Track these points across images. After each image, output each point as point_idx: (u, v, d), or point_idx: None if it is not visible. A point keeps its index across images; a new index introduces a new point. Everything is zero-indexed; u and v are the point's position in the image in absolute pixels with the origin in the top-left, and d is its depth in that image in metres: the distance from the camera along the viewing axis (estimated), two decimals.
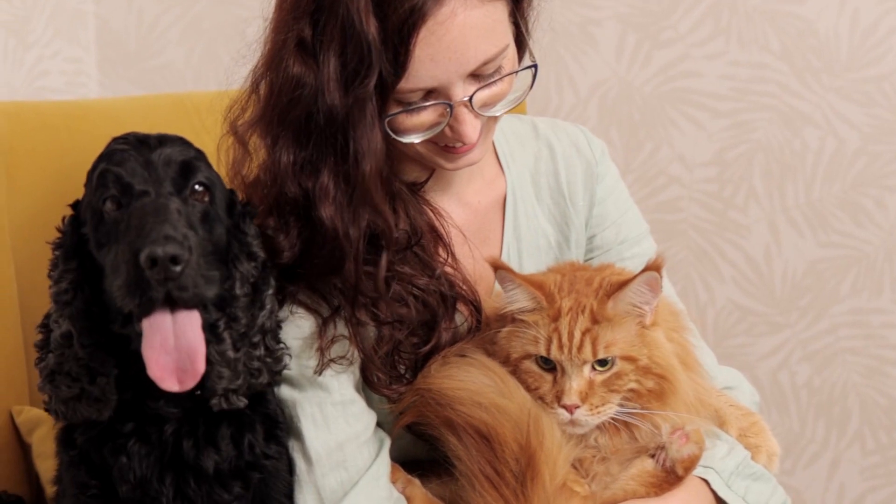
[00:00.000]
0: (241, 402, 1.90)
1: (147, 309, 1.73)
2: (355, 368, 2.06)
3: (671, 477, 1.99)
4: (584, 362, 1.93)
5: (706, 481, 2.04)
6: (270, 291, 1.94)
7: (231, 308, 1.87)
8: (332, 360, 2.01)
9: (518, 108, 2.83)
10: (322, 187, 1.93)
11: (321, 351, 2.00)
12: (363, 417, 2.06)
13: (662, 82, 3.42)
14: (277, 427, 2.01)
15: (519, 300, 2.01)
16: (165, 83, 3.47)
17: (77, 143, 2.19)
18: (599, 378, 1.94)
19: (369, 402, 2.10)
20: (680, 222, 3.49)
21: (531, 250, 2.26)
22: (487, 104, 1.99)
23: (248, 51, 2.04)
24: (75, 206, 1.91)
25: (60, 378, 1.86)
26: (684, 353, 2.03)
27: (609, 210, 2.31)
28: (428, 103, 1.94)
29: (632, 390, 1.95)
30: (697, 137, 3.44)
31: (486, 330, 2.09)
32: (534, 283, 2.00)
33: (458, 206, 2.23)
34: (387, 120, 1.94)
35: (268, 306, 1.93)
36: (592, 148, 2.33)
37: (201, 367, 1.76)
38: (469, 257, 2.18)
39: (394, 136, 1.97)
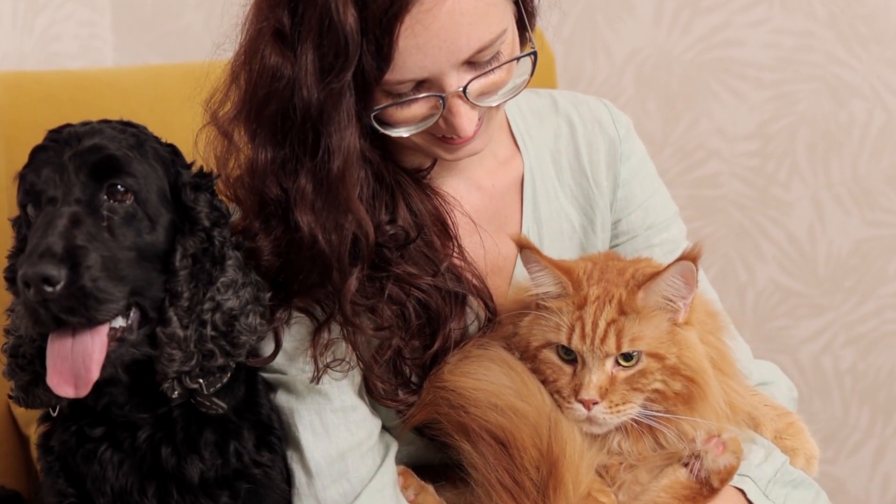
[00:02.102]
0: (220, 405, 1.83)
1: (43, 329, 1.67)
2: (355, 373, 1.98)
3: (705, 489, 1.88)
4: (607, 355, 1.84)
5: (742, 491, 1.93)
6: (229, 263, 1.82)
7: (171, 283, 1.77)
8: (328, 366, 1.93)
9: (547, 78, 2.74)
10: (300, 190, 1.84)
11: (315, 359, 1.92)
12: (366, 424, 1.99)
13: (702, 51, 3.32)
14: (271, 433, 1.93)
15: (544, 284, 1.92)
16: (183, 48, 3.36)
17: (84, 115, 2.09)
18: (622, 374, 1.85)
19: (376, 409, 2.02)
20: (719, 198, 3.40)
21: (553, 235, 2.16)
22: (484, 94, 1.87)
23: (224, 38, 1.94)
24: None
25: (15, 361, 1.80)
26: (720, 357, 1.93)
27: (635, 192, 2.20)
28: (420, 95, 1.84)
29: (656, 391, 1.85)
30: (739, 109, 3.34)
31: (502, 324, 2.00)
32: (561, 268, 1.91)
33: (469, 190, 2.12)
34: (374, 113, 1.85)
35: (220, 279, 1.81)
36: (617, 124, 2.20)
37: (95, 373, 1.68)
38: (481, 246, 2.08)
39: (382, 130, 1.87)
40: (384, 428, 2.03)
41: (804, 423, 2.09)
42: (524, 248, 1.91)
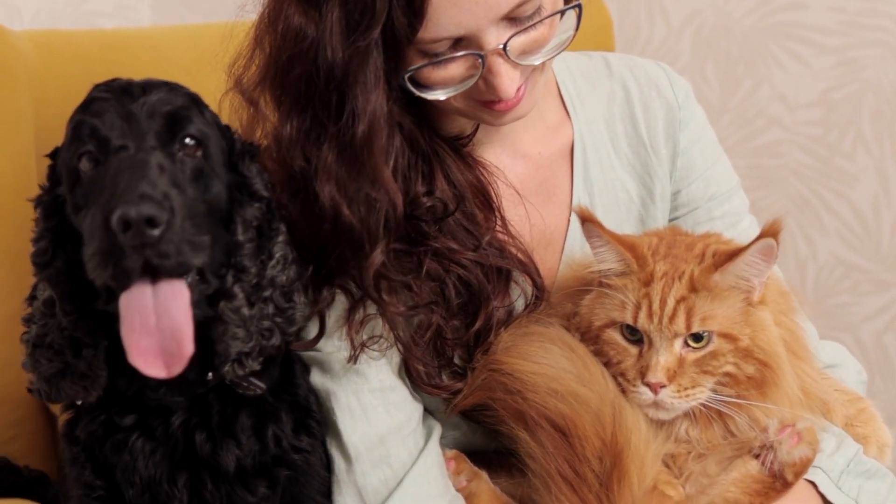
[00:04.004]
0: (258, 385, 1.76)
1: (123, 281, 1.56)
2: (393, 353, 1.91)
3: (778, 482, 1.81)
4: (676, 335, 1.76)
5: (813, 484, 1.86)
6: (280, 239, 1.78)
7: (237, 257, 1.72)
8: (364, 344, 1.87)
9: (605, 42, 2.66)
10: (322, 158, 1.77)
11: (351, 338, 1.86)
12: (405, 406, 1.92)
13: (764, 14, 3.26)
14: (309, 416, 1.87)
15: (607, 261, 1.85)
16: (222, 7, 3.22)
17: (115, 76, 2.03)
18: (692, 356, 1.77)
19: (418, 394, 1.97)
20: (780, 168, 3.34)
21: (609, 206, 2.08)
22: (526, 52, 1.79)
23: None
24: (55, 155, 1.75)
25: (41, 351, 1.72)
26: (793, 339, 1.86)
27: (695, 161, 2.12)
28: (457, 54, 1.76)
29: (728, 374, 1.77)
30: (801, 75, 3.28)
31: (560, 303, 1.93)
32: (624, 243, 1.85)
33: (514, 158, 2.05)
34: (408, 74, 1.78)
35: (277, 255, 1.76)
36: (675, 89, 2.12)
37: (188, 348, 1.58)
38: (527, 219, 2.02)
39: (418, 92, 1.80)
40: (427, 412, 1.98)
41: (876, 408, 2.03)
42: (586, 221, 1.84)
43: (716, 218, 2.10)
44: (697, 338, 1.76)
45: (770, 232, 1.74)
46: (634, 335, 1.80)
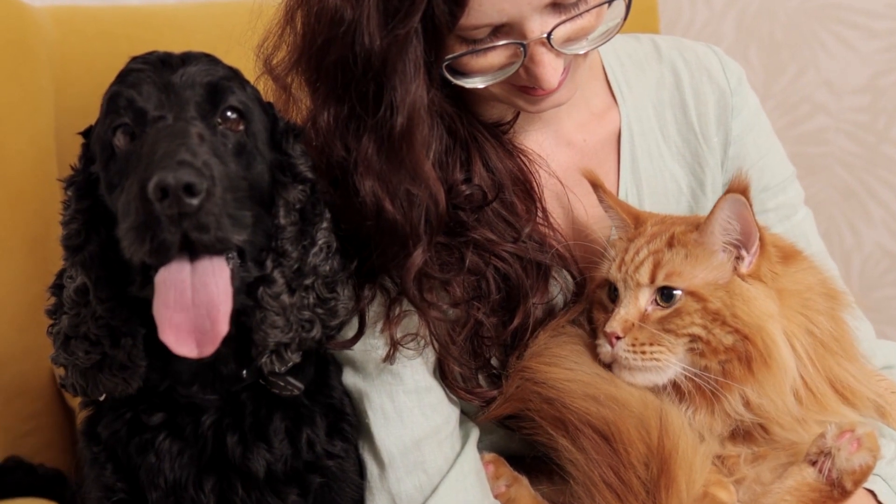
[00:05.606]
0: (296, 385, 1.70)
1: (160, 258, 1.49)
2: (429, 353, 1.86)
3: (836, 491, 1.74)
4: (639, 285, 1.77)
5: (872, 492, 1.79)
6: (324, 225, 1.72)
7: (277, 241, 1.66)
8: (399, 343, 1.80)
9: (649, 24, 2.58)
10: (362, 152, 1.71)
11: (392, 337, 1.80)
12: (442, 409, 1.86)
13: None
14: (343, 420, 1.81)
15: (619, 227, 1.90)
16: None
17: (138, 53, 2.01)
18: (657, 314, 1.76)
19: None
20: (825, 156, 3.29)
21: (657, 196, 2.03)
22: (571, 39, 1.75)
23: None
24: (87, 133, 1.68)
25: (77, 343, 1.65)
26: (832, 338, 1.80)
27: (748, 150, 2.06)
28: (498, 42, 1.72)
29: (698, 339, 1.74)
30: (848, 60, 3.22)
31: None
32: (624, 207, 1.89)
33: (557, 145, 1.99)
34: (447, 63, 1.73)
35: (320, 241, 1.70)
36: (727, 73, 2.07)
37: (223, 327, 1.51)
38: (569, 210, 1.97)
39: (455, 80, 1.76)
40: (464, 414, 1.93)
41: None
42: (593, 185, 1.88)
43: (769, 210, 2.05)
44: (667, 297, 1.75)
45: (736, 187, 1.72)
46: (615, 293, 1.81)
